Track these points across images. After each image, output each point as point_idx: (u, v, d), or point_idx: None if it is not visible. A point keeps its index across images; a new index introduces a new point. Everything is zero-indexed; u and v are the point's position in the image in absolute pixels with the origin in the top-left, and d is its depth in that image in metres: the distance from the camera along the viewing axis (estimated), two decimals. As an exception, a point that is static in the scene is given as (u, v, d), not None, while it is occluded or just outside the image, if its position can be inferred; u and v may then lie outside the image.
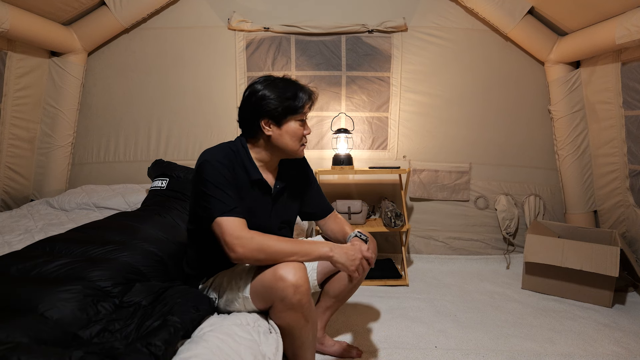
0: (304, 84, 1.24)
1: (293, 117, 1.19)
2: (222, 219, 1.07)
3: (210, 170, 1.11)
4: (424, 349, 1.58)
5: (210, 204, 1.09)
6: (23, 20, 2.14)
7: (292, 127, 1.20)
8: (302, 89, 1.21)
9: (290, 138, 1.20)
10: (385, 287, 2.24)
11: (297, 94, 1.19)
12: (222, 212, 1.08)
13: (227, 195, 1.10)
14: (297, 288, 1.04)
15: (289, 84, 1.21)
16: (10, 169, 2.43)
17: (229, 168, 1.14)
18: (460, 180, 2.71)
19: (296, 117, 1.20)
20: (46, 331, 0.81)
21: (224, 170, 1.12)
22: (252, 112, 1.19)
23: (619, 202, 2.33)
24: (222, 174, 1.11)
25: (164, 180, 2.08)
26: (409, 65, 2.68)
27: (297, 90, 1.20)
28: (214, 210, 1.08)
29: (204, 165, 1.13)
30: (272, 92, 1.17)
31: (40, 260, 1.14)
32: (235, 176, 1.16)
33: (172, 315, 0.95)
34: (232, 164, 1.16)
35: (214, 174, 1.11)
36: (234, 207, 1.09)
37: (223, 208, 1.08)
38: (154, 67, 2.71)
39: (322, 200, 1.43)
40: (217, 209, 1.08)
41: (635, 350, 1.59)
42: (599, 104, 2.36)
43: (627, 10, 1.91)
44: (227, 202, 1.09)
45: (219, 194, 1.09)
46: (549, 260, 2.06)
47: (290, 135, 1.20)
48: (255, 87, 1.20)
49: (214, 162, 1.12)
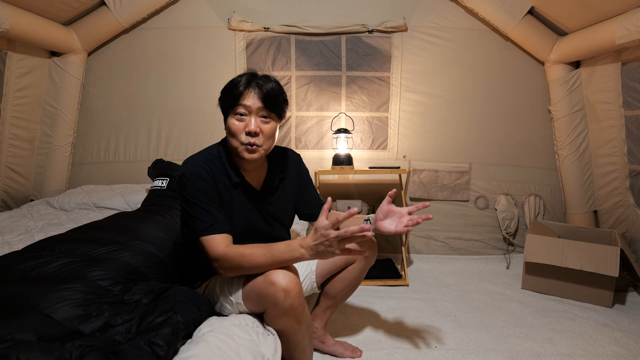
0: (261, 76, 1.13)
1: (231, 112, 1.12)
2: (204, 239, 1.08)
3: (188, 185, 1.10)
4: (424, 349, 1.58)
5: (192, 222, 1.09)
6: (23, 20, 2.14)
7: (229, 124, 1.13)
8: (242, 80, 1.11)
9: (229, 135, 1.14)
10: (385, 287, 2.24)
11: (234, 86, 1.11)
12: (202, 231, 1.08)
13: (207, 212, 1.09)
14: (288, 292, 1.03)
15: (240, 76, 1.12)
16: (10, 169, 2.43)
17: (208, 180, 1.12)
18: (460, 180, 2.71)
19: (234, 111, 1.11)
20: (47, 329, 0.81)
21: (202, 185, 1.10)
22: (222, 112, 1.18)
23: (619, 202, 2.33)
24: (199, 189, 1.10)
25: (164, 180, 2.08)
26: (409, 65, 2.68)
27: (236, 83, 1.11)
28: (196, 228, 1.09)
29: (182, 179, 1.11)
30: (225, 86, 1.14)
31: (41, 260, 1.14)
32: (215, 184, 1.14)
33: (175, 314, 0.95)
34: (211, 172, 1.13)
35: (191, 190, 1.10)
36: (213, 222, 1.08)
37: (203, 226, 1.08)
38: (154, 67, 2.71)
39: (318, 200, 1.41)
40: (198, 227, 1.08)
41: (635, 350, 1.59)
42: (599, 104, 2.36)
43: (627, 10, 1.91)
44: (207, 219, 1.08)
45: (198, 212, 1.09)
46: (549, 260, 2.06)
47: (228, 133, 1.14)
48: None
49: (192, 177, 1.10)
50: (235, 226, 1.16)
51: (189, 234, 1.19)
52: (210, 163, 1.15)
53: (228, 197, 1.17)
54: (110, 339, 0.86)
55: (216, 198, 1.13)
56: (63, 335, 0.81)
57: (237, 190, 1.19)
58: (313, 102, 2.73)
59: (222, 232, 1.09)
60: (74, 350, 0.74)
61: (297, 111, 2.74)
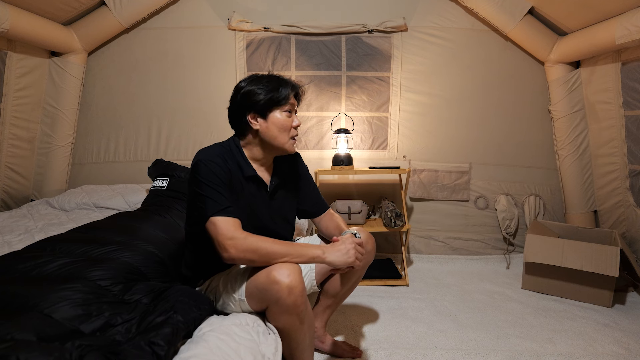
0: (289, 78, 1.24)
1: (278, 108, 1.19)
2: (216, 219, 1.08)
3: (204, 170, 1.12)
4: (424, 349, 1.58)
5: (204, 203, 1.09)
6: (23, 20, 2.14)
7: (277, 118, 1.19)
8: (285, 81, 1.21)
9: (277, 130, 1.19)
10: (385, 287, 2.24)
11: (280, 85, 1.19)
12: (216, 212, 1.08)
13: (221, 195, 1.10)
14: (291, 290, 1.04)
15: (272, 78, 1.21)
16: (10, 169, 2.43)
17: (223, 167, 1.14)
18: (460, 180, 2.71)
19: (281, 108, 1.19)
20: (47, 328, 0.81)
21: (218, 170, 1.13)
22: (239, 108, 1.20)
23: (619, 202, 2.33)
24: (215, 174, 1.12)
25: (164, 180, 2.08)
26: (409, 65, 2.68)
27: (280, 82, 1.20)
28: (208, 209, 1.09)
29: (197, 165, 1.13)
30: (256, 86, 1.18)
31: (41, 260, 1.14)
32: (230, 175, 1.16)
33: (175, 313, 0.95)
34: (226, 163, 1.16)
35: (207, 174, 1.11)
36: (227, 206, 1.09)
37: (216, 207, 1.08)
38: (154, 67, 2.71)
39: (319, 198, 1.43)
40: (210, 209, 1.08)
41: (635, 350, 1.59)
42: (599, 104, 2.36)
43: (627, 10, 1.91)
44: (221, 201, 1.09)
45: (212, 194, 1.09)
46: (549, 260, 2.06)
47: (277, 127, 1.19)
48: (239, 85, 1.22)
49: (207, 162, 1.12)
50: (243, 220, 1.16)
51: (193, 228, 1.21)
52: (225, 155, 1.18)
53: (239, 189, 1.19)
54: (110, 338, 0.86)
55: (229, 187, 1.15)
56: (63, 335, 0.81)
57: (248, 184, 1.21)
58: (313, 102, 2.73)
59: (235, 217, 1.10)
60: (74, 350, 0.74)
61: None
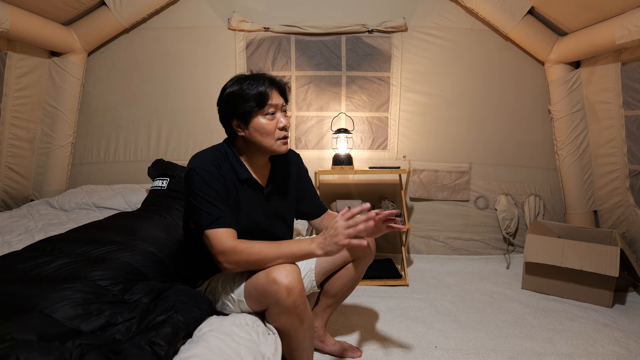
0: (272, 76, 1.18)
1: (259, 113, 1.14)
2: (209, 232, 1.08)
3: (197, 180, 1.10)
4: (424, 349, 1.58)
5: (199, 216, 1.09)
6: (23, 20, 2.14)
7: (259, 124, 1.15)
8: (264, 81, 1.14)
9: (260, 135, 1.16)
10: (385, 287, 2.24)
11: (258, 88, 1.13)
12: (209, 224, 1.08)
13: (214, 206, 1.09)
14: (291, 290, 1.04)
15: (254, 80, 1.15)
16: (10, 169, 2.43)
17: (216, 174, 1.13)
18: (460, 180, 2.71)
19: (262, 112, 1.15)
20: (47, 328, 0.81)
21: (211, 179, 1.11)
22: (224, 114, 1.19)
23: (619, 202, 2.33)
24: (207, 184, 1.10)
25: (164, 180, 2.08)
26: (409, 65, 2.68)
27: (259, 84, 1.14)
28: (202, 222, 1.08)
29: (191, 174, 1.12)
30: (236, 91, 1.14)
31: (41, 260, 1.14)
32: (224, 180, 1.15)
33: (175, 313, 0.95)
34: (219, 169, 1.14)
35: (200, 184, 1.10)
36: (220, 216, 1.09)
37: (209, 219, 1.08)
38: (154, 67, 2.71)
39: (317, 199, 1.43)
40: (204, 221, 1.08)
41: (635, 350, 1.59)
42: (599, 104, 2.36)
43: (627, 10, 1.91)
44: (214, 213, 1.08)
45: (206, 206, 1.09)
46: (549, 260, 2.06)
47: (260, 133, 1.16)
48: (224, 88, 1.19)
49: (200, 171, 1.11)
50: (240, 223, 1.16)
51: (192, 231, 1.19)
52: (219, 159, 1.17)
53: (235, 193, 1.18)
54: (110, 337, 0.86)
55: (223, 193, 1.14)
56: (63, 334, 0.80)
57: (243, 187, 1.20)
58: (313, 102, 2.73)
59: (228, 227, 1.09)
60: (74, 349, 0.74)
61: (297, 111, 2.74)
